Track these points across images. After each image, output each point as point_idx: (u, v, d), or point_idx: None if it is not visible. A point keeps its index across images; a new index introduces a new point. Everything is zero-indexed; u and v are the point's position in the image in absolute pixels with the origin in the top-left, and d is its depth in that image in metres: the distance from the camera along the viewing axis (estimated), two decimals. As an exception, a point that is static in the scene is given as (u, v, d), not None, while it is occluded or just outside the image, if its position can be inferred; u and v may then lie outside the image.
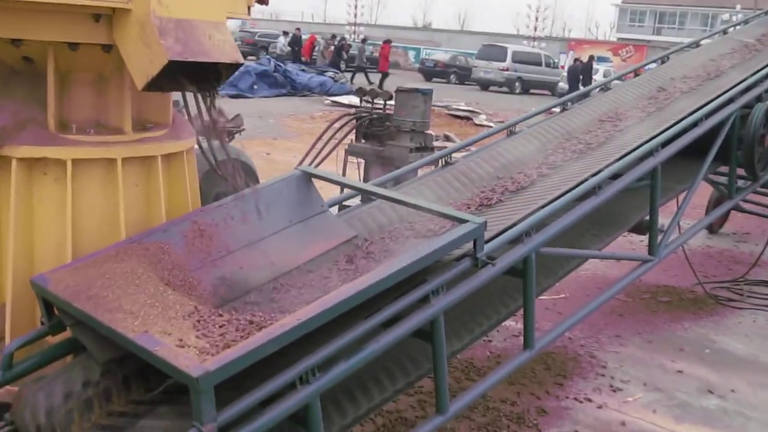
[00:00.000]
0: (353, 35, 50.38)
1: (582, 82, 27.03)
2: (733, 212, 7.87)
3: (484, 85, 34.27)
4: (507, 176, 4.79)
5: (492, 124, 17.65)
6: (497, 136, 5.60)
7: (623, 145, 4.91)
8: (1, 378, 3.08)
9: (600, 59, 32.43)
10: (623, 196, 4.80)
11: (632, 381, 5.15)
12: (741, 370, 5.48)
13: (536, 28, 60.01)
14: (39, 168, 3.36)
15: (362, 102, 7.77)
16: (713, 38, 8.45)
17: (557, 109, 6.22)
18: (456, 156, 5.06)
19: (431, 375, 3.45)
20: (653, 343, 5.84)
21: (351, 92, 20.73)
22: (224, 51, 3.16)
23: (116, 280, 2.95)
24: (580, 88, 17.64)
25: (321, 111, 19.44)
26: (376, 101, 7.43)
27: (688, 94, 6.07)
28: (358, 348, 2.91)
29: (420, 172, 5.26)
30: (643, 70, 7.70)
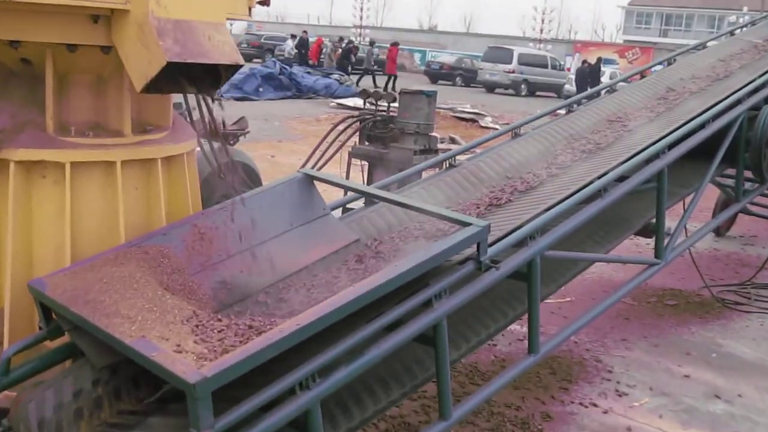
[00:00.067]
0: (359, 38, 50.37)
1: (590, 84, 26.94)
2: (740, 215, 7.81)
3: (490, 88, 34.22)
4: (516, 176, 4.78)
5: (498, 127, 17.57)
6: (502, 139, 5.57)
7: (632, 146, 4.86)
8: (-1, 383, 3.05)
9: (606, 61, 32.37)
10: (630, 199, 4.75)
11: (638, 385, 5.10)
12: (748, 375, 5.42)
13: (542, 31, 60.05)
14: (37, 171, 3.32)
15: (366, 104, 7.73)
16: (720, 39, 8.40)
17: (563, 111, 6.17)
18: (460, 158, 5.02)
19: (435, 380, 3.40)
20: (660, 347, 5.78)
21: (356, 95, 20.73)
22: (224, 52, 3.12)
23: (114, 285, 2.91)
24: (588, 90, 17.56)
25: (326, 113, 19.40)
26: (380, 103, 7.39)
27: (698, 95, 6.03)
28: (360, 353, 2.87)
29: (424, 175, 5.22)
30: (649, 72, 7.64)
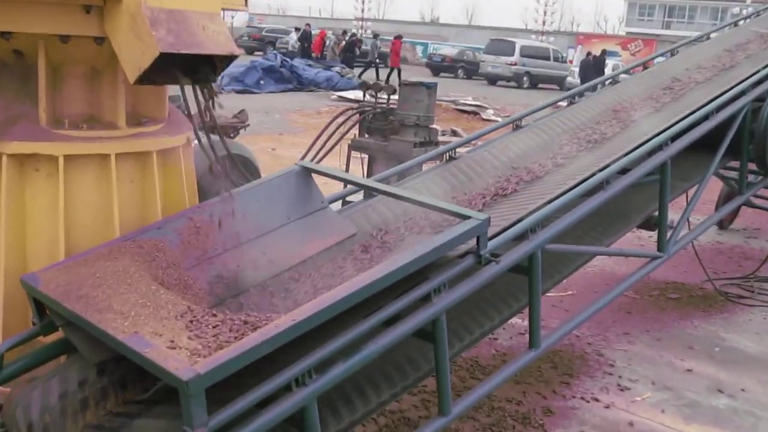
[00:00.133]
0: (360, 30, 50.24)
1: (595, 77, 26.76)
2: (744, 208, 7.75)
3: (492, 80, 34.13)
4: (521, 166, 4.76)
5: (499, 119, 17.50)
6: (503, 131, 5.52)
7: (635, 138, 4.82)
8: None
9: (609, 53, 32.20)
10: (632, 191, 4.71)
11: (640, 380, 5.05)
12: (751, 369, 5.37)
13: (544, 23, 60.06)
14: (31, 164, 3.27)
15: (366, 96, 7.67)
16: (723, 31, 8.33)
17: (564, 103, 6.12)
18: (460, 151, 4.97)
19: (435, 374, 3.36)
20: (662, 341, 5.73)
21: (358, 87, 20.63)
22: (219, 42, 3.07)
23: (107, 279, 2.86)
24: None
25: (327, 106, 19.32)
26: (380, 95, 7.32)
27: (704, 85, 5.97)
28: (357, 349, 2.82)
29: (424, 167, 5.17)
30: (652, 63, 7.57)
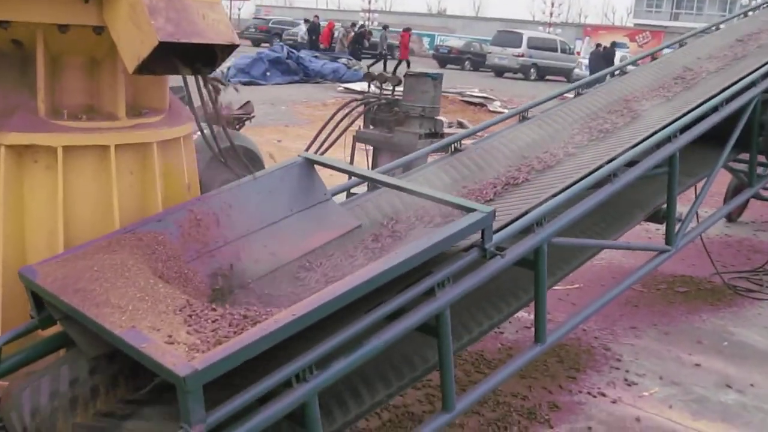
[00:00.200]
0: (368, 22, 50.09)
1: (604, 68, 26.65)
2: (753, 200, 7.66)
3: (499, 72, 33.99)
4: (532, 155, 4.71)
5: (506, 111, 17.41)
6: (510, 122, 5.47)
7: (643, 130, 4.75)
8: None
9: (617, 45, 32.03)
10: (640, 184, 4.65)
11: (648, 375, 5.00)
12: (761, 364, 5.30)
13: (552, 14, 59.69)
14: (29, 155, 3.23)
15: (371, 87, 7.60)
16: (732, 22, 8.24)
17: (571, 95, 6.05)
18: (466, 143, 4.91)
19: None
20: (670, 335, 5.67)
21: (363, 78, 20.56)
22: (219, 31, 3.02)
23: (105, 273, 2.82)
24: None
25: (334, 98, 19.23)
26: (385, 86, 7.25)
27: (716, 74, 5.91)
28: (359, 344, 2.77)
29: (430, 159, 5.11)
30: (660, 54, 7.48)
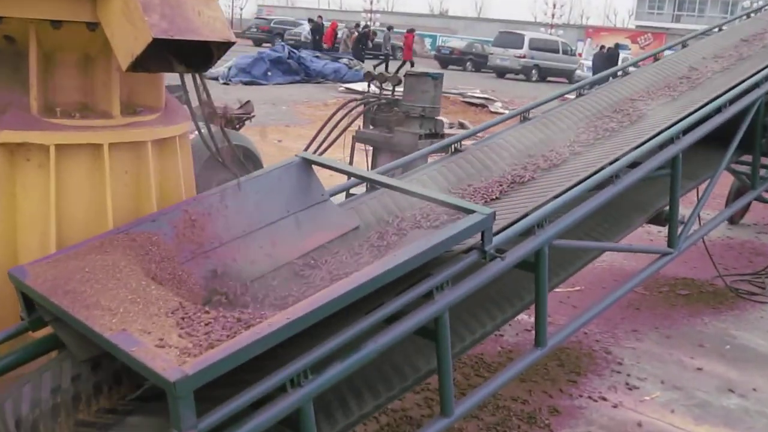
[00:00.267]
0: (369, 22, 50.07)
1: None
2: (755, 203, 7.60)
3: (501, 73, 33.98)
4: (538, 154, 4.70)
5: (507, 112, 17.35)
6: (510, 123, 5.42)
7: (652, 127, 4.72)
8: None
9: (619, 47, 32.01)
10: (642, 185, 4.60)
11: (649, 378, 4.94)
12: (763, 368, 5.25)
13: (554, 16, 59.79)
14: (21, 154, 3.16)
15: (371, 87, 7.55)
16: (734, 23, 8.20)
17: (571, 96, 5.99)
18: (466, 143, 4.86)
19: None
20: (671, 339, 5.62)
21: (363, 78, 20.50)
22: (214, 28, 2.96)
23: (96, 274, 2.76)
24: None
25: (335, 98, 19.17)
26: (385, 86, 7.20)
27: (721, 74, 5.87)
28: (356, 348, 2.72)
29: (429, 160, 5.06)
30: (662, 55, 7.43)
